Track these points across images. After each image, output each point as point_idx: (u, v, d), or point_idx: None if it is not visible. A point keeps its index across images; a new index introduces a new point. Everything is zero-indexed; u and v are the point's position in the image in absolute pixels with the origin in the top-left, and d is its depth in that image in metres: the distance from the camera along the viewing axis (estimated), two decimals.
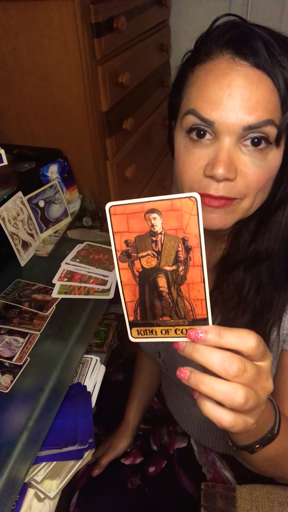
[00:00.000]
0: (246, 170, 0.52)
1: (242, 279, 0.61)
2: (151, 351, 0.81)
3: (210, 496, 0.69)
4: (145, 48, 1.35)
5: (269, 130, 0.50)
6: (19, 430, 0.61)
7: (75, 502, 0.84)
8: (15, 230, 0.90)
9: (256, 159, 0.52)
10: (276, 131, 0.50)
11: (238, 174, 0.52)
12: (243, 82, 0.49)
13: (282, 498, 0.68)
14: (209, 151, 0.53)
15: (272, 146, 0.52)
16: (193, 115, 0.52)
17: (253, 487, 0.71)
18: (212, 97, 0.50)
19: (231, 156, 0.51)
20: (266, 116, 0.49)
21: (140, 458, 0.90)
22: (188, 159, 0.55)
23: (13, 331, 0.77)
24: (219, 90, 0.50)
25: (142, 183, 1.50)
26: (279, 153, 0.53)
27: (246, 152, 0.52)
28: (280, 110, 0.50)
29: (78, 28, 0.95)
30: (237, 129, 0.50)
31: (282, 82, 0.49)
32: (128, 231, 0.42)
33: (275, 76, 0.49)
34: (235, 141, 0.51)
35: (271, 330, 0.60)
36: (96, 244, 0.98)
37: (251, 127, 0.50)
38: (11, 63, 1.05)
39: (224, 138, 0.51)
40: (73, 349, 0.74)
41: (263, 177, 0.53)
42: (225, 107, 0.50)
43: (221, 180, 0.52)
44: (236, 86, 0.49)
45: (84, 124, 1.08)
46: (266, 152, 0.52)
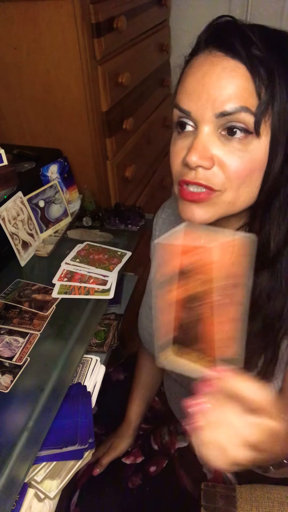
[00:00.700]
0: (224, 160, 0.51)
1: (253, 283, 0.60)
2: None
3: (210, 496, 0.69)
4: (145, 48, 1.35)
5: (244, 118, 0.49)
6: (19, 430, 0.61)
7: (76, 501, 0.84)
8: (15, 230, 0.90)
9: (234, 149, 0.51)
10: (253, 119, 0.49)
11: (217, 164, 0.52)
12: (216, 71, 0.50)
13: (282, 498, 0.68)
14: (189, 141, 0.54)
15: (252, 136, 0.50)
16: (176, 108, 0.54)
17: (253, 487, 0.71)
18: (188, 88, 0.52)
19: (205, 144, 0.51)
20: (240, 103, 0.49)
21: (141, 457, 0.90)
22: (173, 151, 0.56)
23: (13, 331, 0.77)
24: (195, 81, 0.51)
25: (142, 183, 1.50)
26: (262, 144, 0.51)
27: (224, 141, 0.51)
28: (256, 98, 0.49)
29: (78, 28, 0.95)
30: (211, 117, 0.50)
31: (257, 70, 0.49)
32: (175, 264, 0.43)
33: (250, 64, 0.49)
34: (213, 130, 0.51)
35: (282, 339, 0.59)
36: (96, 244, 0.98)
37: (223, 113, 0.50)
38: (11, 63, 1.05)
39: (201, 127, 0.52)
40: (73, 349, 0.74)
41: (244, 169, 0.52)
42: (200, 97, 0.51)
43: (195, 167, 0.52)
44: (210, 75, 0.50)
45: (84, 124, 1.09)
46: (246, 142, 0.51)
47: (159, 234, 0.85)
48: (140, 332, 0.84)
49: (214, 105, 0.50)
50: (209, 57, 0.51)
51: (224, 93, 0.49)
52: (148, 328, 0.81)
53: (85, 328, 0.78)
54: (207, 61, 0.51)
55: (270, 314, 0.59)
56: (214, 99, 0.50)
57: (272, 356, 0.60)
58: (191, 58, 0.55)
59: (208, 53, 0.51)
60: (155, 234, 0.86)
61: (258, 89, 0.49)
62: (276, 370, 0.61)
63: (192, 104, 0.52)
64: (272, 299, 0.59)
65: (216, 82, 0.50)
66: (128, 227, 1.03)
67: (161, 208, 0.87)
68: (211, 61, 0.51)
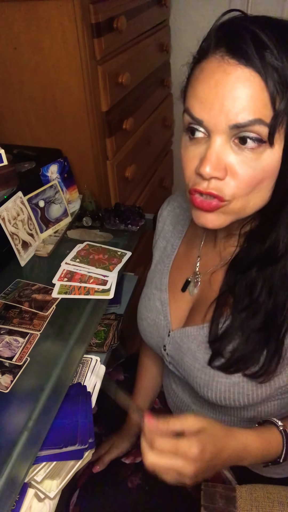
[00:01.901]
0: (236, 169, 0.52)
1: (254, 279, 0.61)
2: (156, 344, 0.81)
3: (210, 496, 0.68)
4: (145, 48, 1.35)
5: (258, 129, 0.49)
6: (19, 430, 0.61)
7: (75, 500, 0.84)
8: (15, 230, 0.90)
9: (247, 159, 0.51)
10: (267, 130, 0.49)
11: (229, 173, 0.52)
12: (230, 81, 0.48)
13: (282, 498, 0.68)
14: (201, 149, 0.53)
15: (265, 145, 0.50)
16: (187, 113, 0.53)
17: (253, 487, 0.71)
18: (201, 96, 0.51)
19: (219, 155, 0.51)
20: (254, 115, 0.48)
21: (141, 457, 0.90)
22: (186, 157, 0.56)
23: (13, 331, 0.77)
24: (207, 88, 0.50)
25: (142, 183, 1.50)
26: (275, 152, 0.51)
27: (237, 151, 0.51)
28: (271, 108, 0.48)
29: (78, 28, 0.95)
30: (224, 128, 0.50)
31: (271, 79, 0.48)
32: None
33: (264, 73, 0.48)
34: (226, 140, 0.51)
35: (286, 334, 0.60)
36: (96, 244, 0.98)
37: (237, 126, 0.49)
38: (11, 63, 1.05)
39: (214, 136, 0.51)
40: (73, 349, 0.74)
41: (255, 178, 0.52)
42: (212, 106, 0.50)
43: (209, 178, 0.52)
44: (223, 84, 0.49)
45: (84, 124, 1.08)
46: (259, 151, 0.50)
47: (163, 225, 0.85)
48: (139, 323, 0.84)
49: (228, 116, 0.49)
50: (222, 64, 0.49)
51: (238, 105, 0.48)
52: (148, 318, 0.81)
53: (85, 328, 0.78)
54: (220, 69, 0.49)
55: (271, 310, 0.59)
56: (228, 111, 0.49)
57: (275, 352, 0.60)
58: (200, 58, 0.53)
59: (221, 59, 0.50)
60: (158, 225, 0.86)
61: (272, 99, 0.48)
62: (279, 366, 0.61)
63: (205, 114, 0.51)
64: (273, 295, 0.59)
65: (229, 92, 0.48)
66: (128, 227, 1.03)
67: (167, 201, 0.87)
68: (224, 69, 0.49)
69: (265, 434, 0.60)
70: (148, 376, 0.97)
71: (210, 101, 0.50)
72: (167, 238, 0.83)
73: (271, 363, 0.60)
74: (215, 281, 0.69)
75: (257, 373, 0.61)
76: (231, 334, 0.63)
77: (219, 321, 0.65)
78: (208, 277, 0.71)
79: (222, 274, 0.67)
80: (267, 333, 0.60)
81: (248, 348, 0.61)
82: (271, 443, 0.60)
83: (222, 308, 0.65)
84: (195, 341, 0.69)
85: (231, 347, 0.63)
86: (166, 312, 0.77)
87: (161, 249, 0.83)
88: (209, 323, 0.67)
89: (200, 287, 0.73)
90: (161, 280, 0.79)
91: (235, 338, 0.62)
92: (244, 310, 0.62)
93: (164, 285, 0.78)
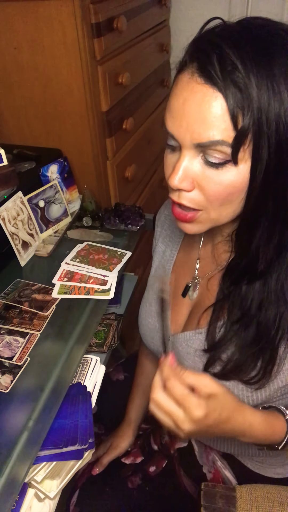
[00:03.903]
0: (203, 184, 0.54)
1: (245, 293, 0.62)
2: (156, 349, 0.81)
3: (210, 496, 0.69)
4: (145, 48, 1.35)
5: (221, 149, 0.50)
6: (19, 430, 0.61)
7: (75, 501, 0.84)
8: (15, 230, 0.90)
9: (212, 175, 0.52)
10: (230, 150, 0.50)
11: (197, 186, 0.54)
12: (196, 100, 0.49)
13: (282, 498, 0.68)
14: (175, 159, 0.56)
15: (230, 164, 0.51)
16: (164, 125, 0.55)
17: (253, 487, 0.71)
18: (172, 110, 0.53)
19: (187, 168, 0.53)
20: (216, 136, 0.49)
21: (141, 457, 0.90)
22: (165, 164, 0.59)
23: (13, 331, 0.77)
24: (177, 104, 0.52)
25: (142, 183, 1.50)
26: (241, 170, 0.51)
27: (203, 166, 0.53)
28: (233, 129, 0.49)
29: (78, 28, 0.95)
30: (190, 145, 0.52)
31: (234, 100, 0.48)
32: None
33: (226, 94, 0.48)
34: (194, 154, 0.53)
35: (279, 344, 0.60)
36: (96, 244, 0.98)
37: (201, 145, 0.51)
38: (11, 63, 1.05)
39: (183, 151, 0.53)
40: (73, 349, 0.74)
41: (221, 193, 0.53)
42: (180, 123, 0.51)
43: (176, 190, 0.55)
44: (189, 103, 0.50)
45: (84, 124, 1.09)
46: (224, 169, 0.51)
47: (161, 230, 0.85)
48: (140, 328, 0.84)
49: (193, 135, 0.51)
50: (191, 81, 0.50)
51: (202, 125, 0.50)
52: (149, 324, 0.81)
53: (85, 328, 0.78)
54: (189, 86, 0.50)
55: (263, 323, 0.60)
56: (193, 130, 0.50)
57: (270, 359, 0.61)
58: (179, 69, 0.54)
59: (191, 75, 0.50)
60: (157, 230, 0.86)
61: (234, 119, 0.48)
62: (274, 371, 0.62)
63: (174, 129, 0.53)
64: (264, 309, 0.60)
65: (194, 112, 0.50)
66: (128, 227, 1.03)
67: (164, 205, 0.87)
68: (192, 87, 0.50)
69: (271, 419, 0.60)
70: (146, 375, 0.98)
71: (179, 118, 0.52)
72: (166, 242, 0.83)
73: (266, 371, 0.62)
74: (212, 286, 0.70)
75: (252, 379, 0.62)
76: (225, 344, 0.63)
77: (216, 326, 0.66)
78: (206, 281, 0.71)
79: (219, 279, 0.67)
80: (260, 345, 0.61)
81: (242, 358, 0.62)
82: (275, 429, 0.60)
83: (219, 314, 0.65)
84: (193, 346, 0.70)
85: (225, 356, 0.63)
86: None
87: (160, 254, 0.84)
88: (206, 328, 0.67)
89: (199, 291, 0.73)
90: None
91: (229, 348, 0.63)
92: (236, 322, 0.63)
93: None
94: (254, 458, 0.80)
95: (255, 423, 0.58)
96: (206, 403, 0.53)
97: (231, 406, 0.56)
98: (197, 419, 0.53)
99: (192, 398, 0.53)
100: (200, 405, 0.52)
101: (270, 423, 0.60)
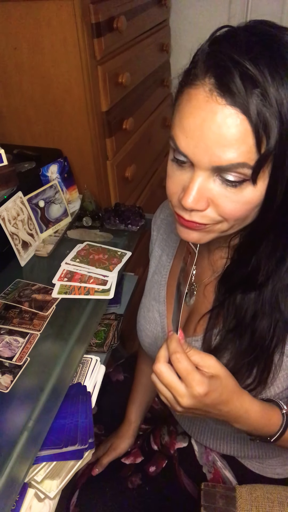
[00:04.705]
0: (218, 202, 0.52)
1: (240, 303, 0.61)
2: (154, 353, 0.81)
3: (210, 496, 0.69)
4: (145, 48, 1.35)
5: (241, 171, 0.48)
6: (19, 430, 0.61)
7: (75, 501, 0.84)
8: (15, 230, 0.90)
9: (229, 194, 0.51)
10: (250, 171, 0.48)
11: (211, 204, 0.52)
12: (216, 121, 0.47)
13: (282, 498, 0.68)
14: (185, 177, 0.53)
15: (248, 182, 0.49)
16: (172, 142, 0.52)
17: (253, 487, 0.71)
18: (187, 130, 0.49)
19: (201, 188, 0.51)
20: (238, 159, 0.47)
21: (141, 457, 0.90)
22: (171, 179, 0.56)
23: (13, 331, 0.77)
24: (193, 124, 0.49)
25: (142, 183, 1.50)
26: (258, 188, 0.50)
27: (219, 185, 0.51)
28: (256, 152, 0.47)
29: (78, 28, 0.95)
30: (207, 167, 0.49)
31: (259, 122, 0.45)
32: None
33: (251, 116, 0.45)
34: (209, 174, 0.51)
35: (274, 353, 0.61)
36: (96, 244, 0.98)
37: (220, 168, 0.49)
38: (11, 63, 1.05)
39: (197, 171, 0.51)
40: (73, 349, 0.74)
41: (238, 210, 0.52)
42: (197, 144, 0.49)
43: (190, 210, 0.53)
44: (209, 124, 0.47)
45: (84, 124, 1.09)
46: (241, 188, 0.50)
47: (157, 234, 0.85)
48: (139, 333, 0.84)
49: (212, 158, 0.48)
50: (210, 101, 0.47)
51: (222, 148, 0.47)
52: (146, 330, 0.81)
53: (85, 328, 0.78)
54: (208, 106, 0.47)
55: (258, 332, 0.60)
56: (212, 153, 0.48)
57: (265, 367, 0.61)
58: (189, 82, 0.50)
59: (209, 93, 0.47)
60: (153, 234, 0.86)
61: (258, 143, 0.46)
62: (270, 378, 0.62)
63: (189, 150, 0.50)
64: (258, 319, 0.60)
65: (215, 134, 0.47)
66: (128, 227, 1.03)
67: (160, 209, 0.87)
68: (212, 107, 0.47)
69: (268, 410, 0.60)
70: (147, 373, 0.97)
71: (196, 139, 0.49)
72: (162, 247, 0.83)
73: (261, 379, 0.62)
74: (209, 293, 0.70)
75: (248, 386, 0.62)
76: (220, 352, 0.64)
77: (212, 334, 0.66)
78: (203, 288, 0.71)
79: (215, 286, 0.67)
80: (255, 354, 0.61)
81: (237, 366, 0.62)
82: (270, 421, 0.60)
83: (215, 321, 0.66)
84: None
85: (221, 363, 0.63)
86: (164, 324, 0.78)
87: (156, 258, 0.83)
88: (202, 335, 0.67)
89: (195, 297, 0.73)
90: (159, 291, 0.79)
91: (225, 355, 0.63)
92: (231, 330, 0.63)
93: (162, 297, 0.79)
94: (254, 459, 0.80)
95: (251, 411, 0.58)
96: (209, 382, 0.53)
97: (232, 390, 0.56)
98: (197, 395, 0.52)
99: (196, 374, 0.52)
100: (202, 382, 0.52)
101: (267, 413, 0.60)
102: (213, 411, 0.56)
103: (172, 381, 0.54)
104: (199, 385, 0.52)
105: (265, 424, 0.60)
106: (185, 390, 0.53)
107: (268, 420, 0.60)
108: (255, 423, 0.59)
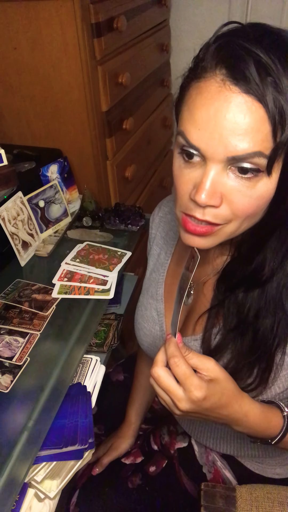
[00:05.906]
0: (232, 198, 0.50)
1: (242, 300, 0.61)
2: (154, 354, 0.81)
3: (210, 496, 0.69)
4: (145, 48, 1.35)
5: (257, 161, 0.47)
6: (19, 430, 0.61)
7: (75, 501, 0.84)
8: (15, 230, 0.90)
9: (243, 187, 0.50)
10: (266, 161, 0.47)
11: (224, 200, 0.51)
12: (231, 110, 0.46)
13: (282, 498, 0.68)
14: (197, 174, 0.51)
15: (263, 173, 0.49)
16: (182, 137, 0.51)
17: (253, 487, 0.71)
18: (199, 122, 0.48)
19: (215, 183, 0.50)
20: (253, 148, 0.46)
21: (141, 457, 0.90)
22: (180, 179, 0.54)
23: (13, 331, 0.77)
24: (206, 116, 0.47)
25: (142, 183, 1.50)
26: (271, 181, 0.49)
27: (233, 178, 0.50)
28: (272, 140, 0.46)
29: (78, 28, 0.95)
30: (222, 158, 0.48)
31: (274, 110, 0.45)
32: None
33: (267, 103, 0.45)
34: (222, 168, 0.49)
35: (276, 352, 0.60)
36: (96, 244, 0.98)
37: (235, 158, 0.47)
38: (11, 63, 1.05)
39: (210, 164, 0.49)
40: (73, 349, 0.74)
41: (251, 205, 0.51)
42: (211, 136, 0.47)
43: (204, 206, 0.51)
44: (223, 113, 0.46)
45: (84, 124, 1.09)
46: (255, 180, 0.49)
47: (155, 232, 0.85)
48: (136, 332, 0.84)
49: (227, 148, 0.47)
50: (223, 90, 0.46)
51: (238, 137, 0.46)
52: (144, 328, 0.81)
53: (85, 328, 0.78)
54: (221, 95, 0.46)
55: (260, 331, 0.60)
56: (227, 142, 0.47)
57: (266, 367, 0.61)
58: (198, 76, 0.49)
59: (222, 83, 0.46)
60: (151, 232, 0.86)
61: (274, 131, 0.46)
62: (271, 378, 0.62)
63: (202, 142, 0.48)
64: (261, 318, 0.59)
65: (229, 122, 0.46)
66: (128, 227, 1.03)
67: (158, 206, 0.87)
68: (225, 96, 0.46)
69: (269, 413, 0.60)
70: (146, 373, 0.97)
71: (209, 130, 0.47)
72: (160, 245, 0.82)
73: (262, 379, 0.61)
74: (207, 291, 0.69)
75: (249, 386, 0.62)
76: (221, 352, 0.63)
77: (211, 333, 0.65)
78: (202, 286, 0.70)
79: (214, 284, 0.67)
80: (256, 354, 0.61)
81: (238, 366, 0.62)
82: (271, 423, 0.60)
83: (214, 320, 0.65)
84: None
85: (221, 363, 0.63)
86: (162, 322, 0.77)
87: (155, 256, 0.83)
88: (201, 334, 0.67)
89: (194, 295, 0.73)
90: (157, 290, 0.79)
91: (225, 355, 0.63)
92: (232, 330, 0.62)
93: (160, 296, 0.78)
94: (254, 459, 0.80)
95: (251, 414, 0.58)
96: (207, 385, 0.53)
97: (231, 393, 0.56)
98: (195, 400, 0.52)
99: (194, 378, 0.52)
100: (201, 387, 0.52)
101: (267, 416, 0.60)
102: (212, 415, 0.56)
103: (170, 386, 0.54)
104: (198, 389, 0.52)
105: (265, 426, 0.60)
106: (183, 394, 0.53)
107: (268, 423, 0.60)
108: (255, 426, 0.59)
